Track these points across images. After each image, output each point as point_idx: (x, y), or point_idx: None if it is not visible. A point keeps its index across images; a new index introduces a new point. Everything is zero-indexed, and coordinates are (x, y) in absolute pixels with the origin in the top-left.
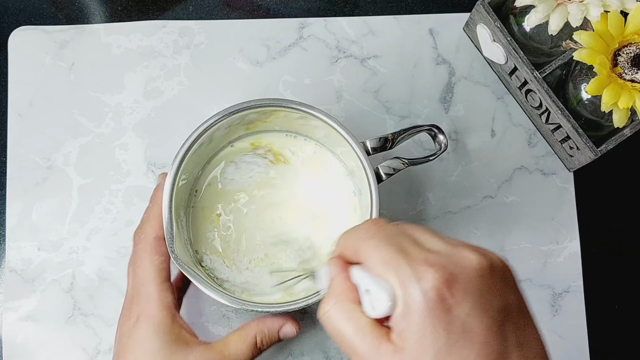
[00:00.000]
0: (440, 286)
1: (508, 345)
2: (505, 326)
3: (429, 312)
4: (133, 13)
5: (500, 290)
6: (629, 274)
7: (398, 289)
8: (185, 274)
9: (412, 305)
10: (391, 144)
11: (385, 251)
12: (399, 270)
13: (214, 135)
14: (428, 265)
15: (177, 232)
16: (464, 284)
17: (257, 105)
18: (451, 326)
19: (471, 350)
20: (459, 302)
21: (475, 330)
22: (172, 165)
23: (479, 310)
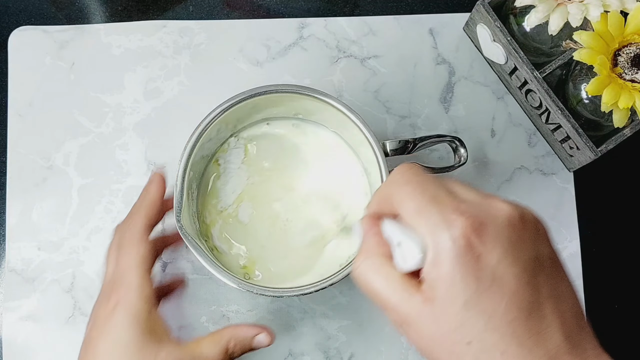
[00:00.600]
0: (469, 233)
1: (541, 296)
2: (538, 277)
3: (458, 260)
4: (133, 13)
5: (532, 242)
6: (629, 274)
7: (428, 237)
8: (188, 245)
9: (442, 253)
10: (411, 148)
11: (419, 199)
12: (429, 218)
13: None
14: (458, 213)
15: (186, 203)
16: (494, 232)
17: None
18: (481, 274)
19: (501, 299)
20: (489, 250)
21: (506, 279)
22: (189, 137)
23: (509, 259)
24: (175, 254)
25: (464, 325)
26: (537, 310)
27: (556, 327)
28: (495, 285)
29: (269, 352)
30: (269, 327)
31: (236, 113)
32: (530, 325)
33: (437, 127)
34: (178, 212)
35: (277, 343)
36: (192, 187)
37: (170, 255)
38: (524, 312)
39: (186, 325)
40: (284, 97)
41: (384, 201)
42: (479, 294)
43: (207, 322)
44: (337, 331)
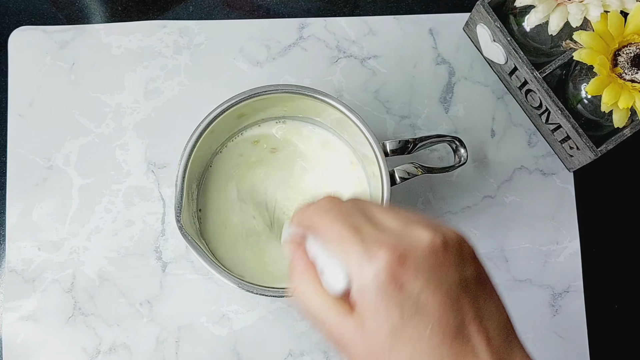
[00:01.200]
0: (391, 265)
1: (466, 318)
2: (462, 300)
3: (382, 291)
4: (133, 13)
5: (456, 265)
6: (629, 274)
7: (354, 267)
8: (188, 245)
9: (365, 284)
10: (411, 148)
11: (339, 229)
12: (352, 250)
13: (233, 114)
14: (379, 245)
15: (186, 203)
16: (415, 261)
17: (284, 90)
18: (404, 303)
19: (425, 326)
20: (411, 279)
21: (429, 306)
22: (190, 137)
23: (431, 287)
24: (175, 254)
25: (392, 351)
26: (462, 332)
27: (483, 347)
28: (419, 313)
29: (269, 352)
30: None
31: (236, 113)
32: (457, 347)
33: (437, 127)
34: (178, 212)
35: (277, 343)
36: (192, 187)
37: (170, 255)
38: (449, 335)
39: (186, 325)
40: (284, 97)
41: (306, 227)
42: (404, 322)
43: (207, 322)
44: None
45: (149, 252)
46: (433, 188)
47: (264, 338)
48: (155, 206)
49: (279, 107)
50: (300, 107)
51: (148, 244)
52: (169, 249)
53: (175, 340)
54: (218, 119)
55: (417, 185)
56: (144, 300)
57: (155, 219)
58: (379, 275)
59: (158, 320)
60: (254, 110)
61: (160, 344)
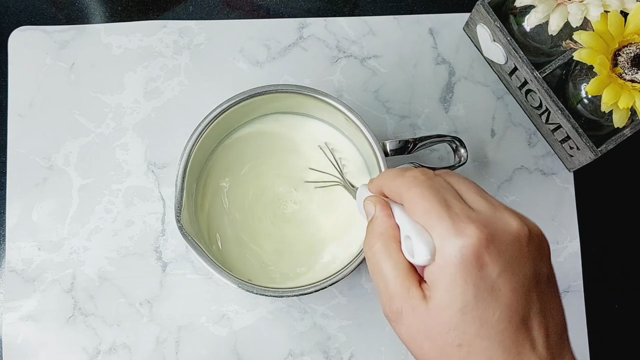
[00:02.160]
0: (478, 244)
1: (531, 311)
2: (532, 293)
3: (463, 267)
4: (133, 13)
5: (534, 259)
6: (629, 274)
7: (438, 239)
8: (188, 245)
9: (449, 257)
10: (411, 148)
11: (430, 201)
12: (440, 222)
13: (233, 114)
14: (469, 222)
15: (186, 203)
16: (500, 245)
17: (283, 90)
18: (481, 283)
19: (495, 309)
20: (493, 261)
21: (503, 291)
22: (190, 137)
23: (509, 273)
24: (175, 254)
25: (457, 328)
26: (525, 324)
27: (541, 341)
28: (493, 296)
29: (269, 352)
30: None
31: (236, 113)
32: (518, 336)
33: (437, 127)
34: (178, 212)
35: (277, 343)
36: (192, 187)
37: (170, 255)
38: (513, 323)
39: (186, 325)
40: (284, 97)
41: (392, 194)
42: (477, 301)
43: (207, 322)
44: (337, 331)
45: (149, 252)
46: None
47: (264, 338)
48: (155, 206)
49: (279, 107)
50: (300, 107)
51: (148, 244)
52: (169, 249)
53: (175, 340)
54: (218, 119)
55: None
56: (144, 300)
57: (155, 219)
58: (464, 251)
59: (158, 320)
60: (254, 110)
61: (160, 344)
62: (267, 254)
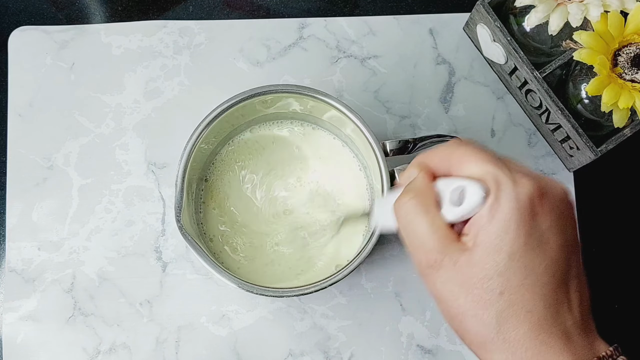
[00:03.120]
0: (533, 194)
1: (570, 273)
2: (572, 256)
3: (518, 213)
4: (133, 13)
5: (574, 225)
6: (629, 274)
7: (493, 185)
8: (188, 245)
9: (504, 204)
10: (411, 148)
11: (485, 155)
12: (498, 170)
13: (233, 115)
14: (525, 175)
15: (186, 203)
16: (551, 200)
17: (284, 90)
18: (533, 232)
19: (542, 261)
20: (545, 214)
21: (551, 244)
22: (190, 137)
23: (558, 229)
24: (175, 254)
25: (503, 275)
26: (565, 284)
27: (576, 305)
28: (541, 247)
29: (269, 352)
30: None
31: (236, 113)
32: (558, 294)
33: (437, 127)
34: (178, 212)
35: (277, 343)
36: (192, 187)
37: (170, 255)
38: (556, 280)
39: (186, 325)
40: (284, 97)
41: (441, 160)
42: (526, 250)
43: (207, 322)
44: (337, 331)
45: (149, 252)
46: None
47: (264, 338)
48: (155, 206)
49: (279, 107)
50: (300, 107)
51: (148, 244)
52: (169, 249)
53: (175, 340)
54: (218, 119)
55: None
56: (144, 300)
57: (155, 219)
58: (520, 199)
59: (158, 320)
60: (254, 110)
61: (160, 344)
62: (267, 254)
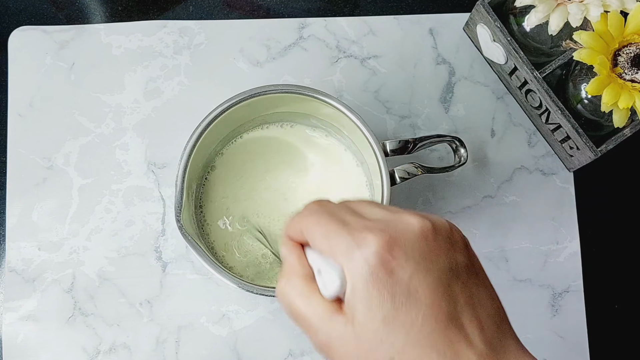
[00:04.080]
0: (380, 250)
1: (458, 305)
2: (454, 287)
3: (373, 277)
4: (133, 13)
5: (446, 251)
6: (629, 274)
7: (341, 259)
8: (188, 245)
9: (356, 272)
10: (411, 148)
11: (326, 224)
12: (340, 241)
13: (233, 115)
14: (368, 231)
15: (186, 203)
16: (405, 246)
17: (284, 90)
18: (395, 289)
19: (417, 312)
20: (402, 264)
21: (420, 292)
22: (190, 137)
23: (422, 272)
24: (175, 254)
25: (384, 342)
26: (455, 320)
27: (476, 334)
28: (411, 299)
29: (269, 352)
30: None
31: (236, 113)
32: (450, 335)
33: (437, 127)
34: (178, 212)
35: (277, 343)
36: (192, 187)
37: (170, 255)
38: (441, 322)
39: (186, 325)
40: (284, 97)
41: (295, 233)
42: (396, 308)
43: (207, 322)
44: None
45: (149, 252)
46: (433, 188)
47: (264, 338)
48: (155, 206)
49: (279, 107)
50: (300, 107)
51: (148, 244)
52: (169, 249)
53: (175, 340)
54: (218, 119)
55: (417, 185)
56: (144, 300)
57: (155, 219)
58: (369, 261)
59: (158, 320)
60: (254, 110)
61: (160, 344)
62: (267, 254)
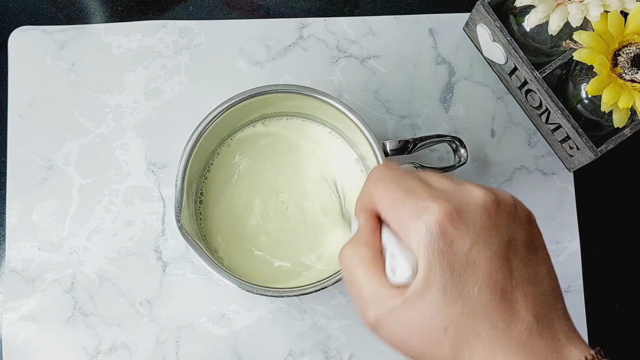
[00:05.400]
0: (443, 219)
1: (513, 279)
2: (511, 261)
3: (434, 246)
4: (133, 13)
5: (507, 226)
6: (629, 274)
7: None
8: (188, 245)
9: (418, 240)
10: (411, 148)
11: (393, 191)
12: (405, 208)
13: (233, 115)
14: (431, 200)
15: (186, 203)
16: (466, 217)
17: (283, 90)
18: (455, 259)
19: (474, 283)
20: (462, 235)
21: (478, 263)
22: (190, 137)
23: (482, 244)
24: (175, 253)
25: (440, 311)
26: (509, 293)
27: (527, 310)
28: (469, 270)
29: (269, 352)
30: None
31: (236, 113)
32: (503, 308)
33: (437, 127)
34: (178, 212)
35: (277, 343)
36: (192, 187)
37: (170, 255)
38: (496, 295)
39: (186, 325)
40: (284, 97)
41: (366, 199)
42: (455, 279)
43: (207, 322)
44: (337, 331)
45: (149, 252)
46: None
47: (264, 338)
48: (155, 206)
49: (279, 107)
50: (300, 107)
51: (148, 244)
52: (169, 249)
53: (175, 340)
54: (218, 119)
55: None
56: (144, 300)
57: (155, 219)
58: (431, 230)
59: (158, 320)
60: (254, 110)
61: (160, 344)
62: (267, 254)
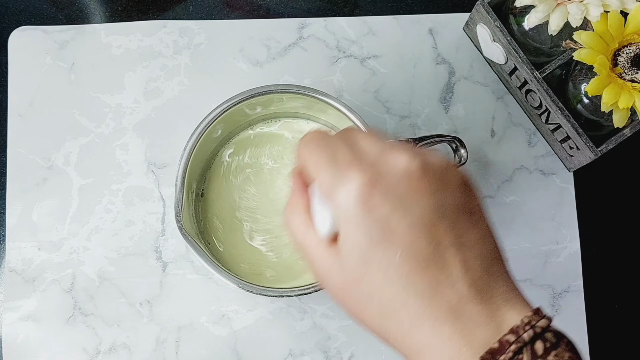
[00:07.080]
0: (362, 187)
1: (441, 245)
2: (438, 227)
3: (352, 214)
4: (133, 13)
5: (433, 191)
6: (629, 274)
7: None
8: (188, 245)
9: (339, 207)
10: None
11: (318, 156)
12: (325, 174)
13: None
14: (352, 168)
15: (186, 203)
16: (387, 184)
17: (283, 90)
18: (374, 225)
19: (395, 252)
20: (382, 202)
21: (399, 231)
22: (190, 137)
23: (401, 212)
24: (175, 254)
25: (363, 279)
26: (437, 259)
27: (459, 276)
28: (388, 238)
29: (269, 352)
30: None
31: (236, 113)
32: (429, 275)
33: (437, 127)
34: (178, 212)
35: (277, 343)
36: (192, 187)
37: (170, 255)
38: (421, 262)
39: (186, 325)
40: (284, 97)
41: (297, 159)
42: (373, 247)
43: (207, 322)
44: (337, 331)
45: (149, 252)
46: None
47: (264, 338)
48: (155, 206)
49: (279, 107)
50: (300, 107)
51: (148, 244)
52: (169, 249)
53: (175, 340)
54: (218, 119)
55: None
56: (144, 300)
57: (155, 219)
58: (349, 198)
59: (158, 320)
60: (254, 110)
61: (160, 344)
62: (268, 254)
